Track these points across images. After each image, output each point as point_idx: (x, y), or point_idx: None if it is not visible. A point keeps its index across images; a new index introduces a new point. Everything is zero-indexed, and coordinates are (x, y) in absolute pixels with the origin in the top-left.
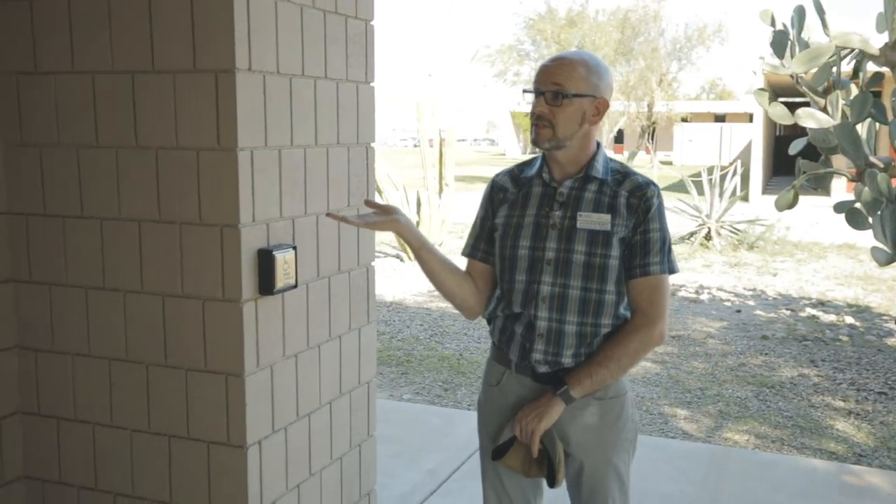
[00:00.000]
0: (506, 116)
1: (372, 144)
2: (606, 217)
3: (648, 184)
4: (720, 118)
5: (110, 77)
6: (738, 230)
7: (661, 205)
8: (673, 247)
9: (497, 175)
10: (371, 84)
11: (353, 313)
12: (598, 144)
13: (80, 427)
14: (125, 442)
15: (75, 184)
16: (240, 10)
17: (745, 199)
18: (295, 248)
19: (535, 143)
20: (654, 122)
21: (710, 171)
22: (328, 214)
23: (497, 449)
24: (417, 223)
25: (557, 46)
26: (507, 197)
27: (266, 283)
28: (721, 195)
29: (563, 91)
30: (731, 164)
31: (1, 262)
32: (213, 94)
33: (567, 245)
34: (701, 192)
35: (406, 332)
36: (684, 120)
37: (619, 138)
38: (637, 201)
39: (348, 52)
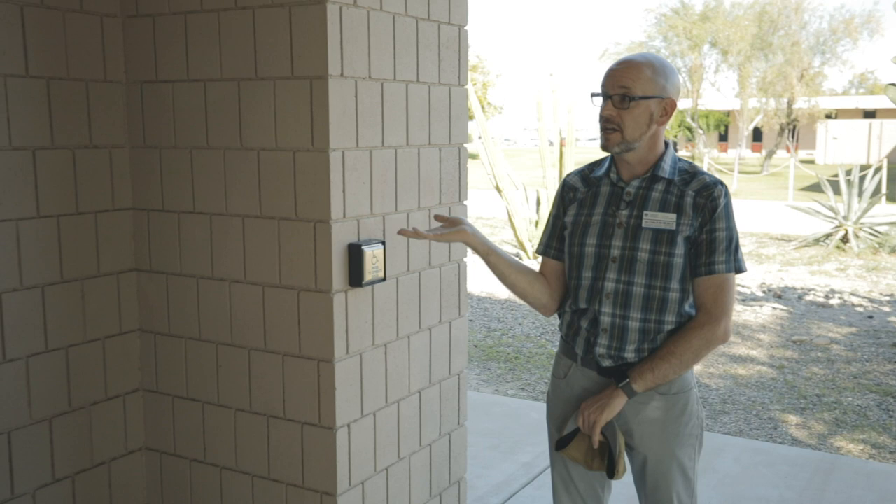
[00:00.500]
0: None
1: (465, 145)
2: (672, 216)
3: (716, 183)
4: (870, 114)
5: (219, 84)
6: (879, 232)
7: (728, 204)
8: (740, 246)
9: (568, 175)
10: (464, 87)
11: (444, 307)
12: (668, 144)
13: (191, 405)
14: (230, 420)
15: (189, 182)
16: (333, 22)
17: (893, 199)
18: (384, 243)
19: (605, 147)
20: (794, 120)
21: (849, 171)
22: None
23: (561, 440)
24: (536, 222)
25: (689, 43)
26: (576, 196)
27: (355, 275)
28: (860, 195)
29: (631, 94)
30: (878, 162)
31: (126, 252)
32: (308, 99)
33: (632, 243)
34: (838, 192)
35: (517, 330)
36: (829, 116)
37: (756, 136)
38: (704, 201)
39: (441, 57)
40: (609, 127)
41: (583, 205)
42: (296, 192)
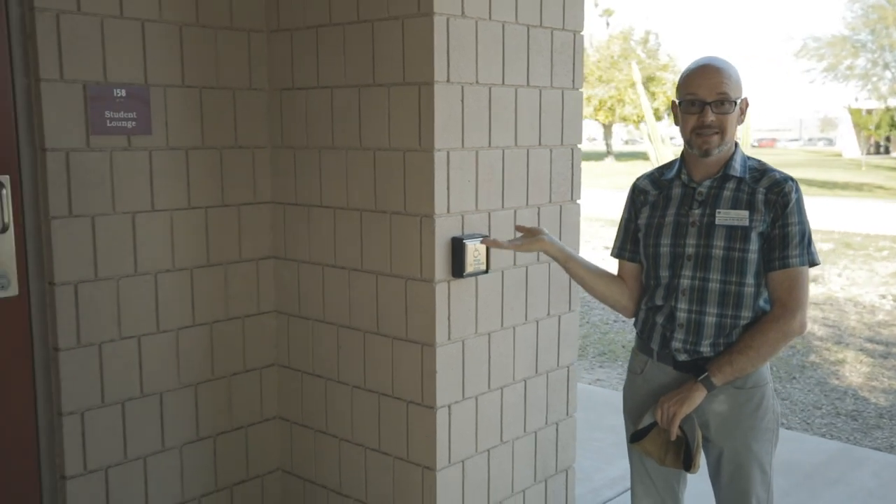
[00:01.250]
0: (843, 114)
1: (578, 146)
2: (745, 213)
3: (786, 179)
4: None
5: (343, 90)
6: None
7: (799, 199)
8: (813, 240)
9: (638, 179)
10: (578, 90)
11: (553, 301)
12: (736, 144)
13: (316, 380)
14: (347, 396)
15: (317, 178)
16: (439, 32)
17: None
18: (487, 237)
19: (707, 152)
20: None
21: None
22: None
23: (636, 433)
24: None
25: None
26: (647, 199)
27: (458, 266)
28: None
29: (728, 98)
30: None
31: (265, 241)
32: (416, 103)
33: (706, 241)
34: None
35: None
36: None
37: None
38: (775, 197)
39: (553, 62)
40: (709, 132)
41: (655, 207)
42: (405, 189)
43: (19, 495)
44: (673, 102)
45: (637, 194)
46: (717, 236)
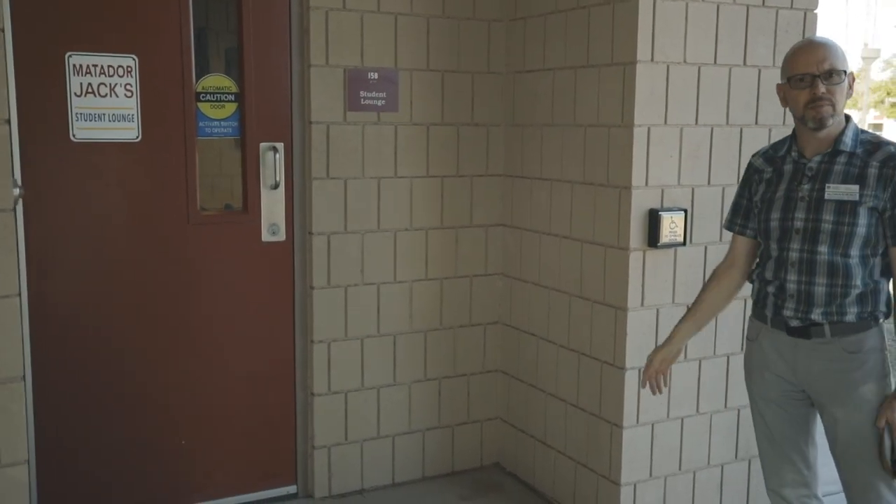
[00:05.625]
0: None
1: None
2: (854, 187)
3: None
4: None
5: (563, 72)
6: None
7: None
8: None
9: (753, 157)
10: None
11: None
12: (848, 118)
13: (530, 339)
14: (554, 354)
15: (538, 153)
16: (644, 14)
17: None
18: (685, 210)
19: (821, 124)
20: None
21: None
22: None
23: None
24: None
25: None
26: (763, 177)
27: (653, 237)
28: None
29: (836, 69)
30: None
31: (495, 210)
32: (620, 82)
33: (815, 215)
34: None
35: None
36: None
37: None
38: (890, 171)
39: (777, 41)
40: (822, 104)
41: (770, 183)
42: (608, 163)
43: (279, 405)
44: (778, 85)
45: (752, 173)
46: (825, 210)
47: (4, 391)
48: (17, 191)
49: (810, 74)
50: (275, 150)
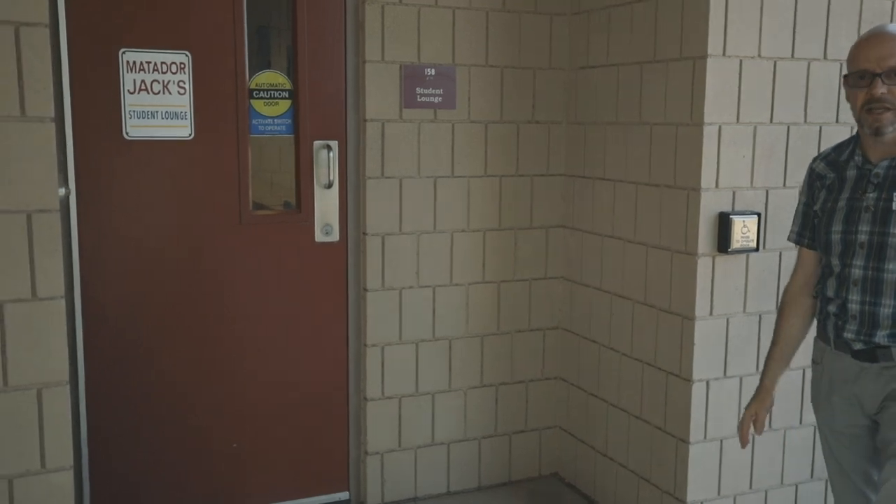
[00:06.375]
0: None
1: None
2: None
3: None
4: None
5: (628, 67)
6: None
7: None
8: None
9: (814, 161)
10: None
11: None
12: None
13: (591, 345)
14: (616, 362)
15: (601, 152)
16: (717, 5)
17: None
18: (759, 214)
19: (878, 130)
20: None
21: None
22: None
23: None
24: None
25: None
26: (825, 183)
27: (723, 242)
28: None
29: None
30: None
31: (556, 211)
32: (690, 77)
33: (882, 228)
34: None
35: None
36: None
37: None
38: None
39: (861, 31)
40: (880, 107)
41: (831, 190)
42: (676, 163)
43: (332, 410)
44: (843, 77)
45: (814, 178)
46: (893, 223)
47: (49, 395)
48: (62, 191)
49: (870, 72)
50: (329, 148)
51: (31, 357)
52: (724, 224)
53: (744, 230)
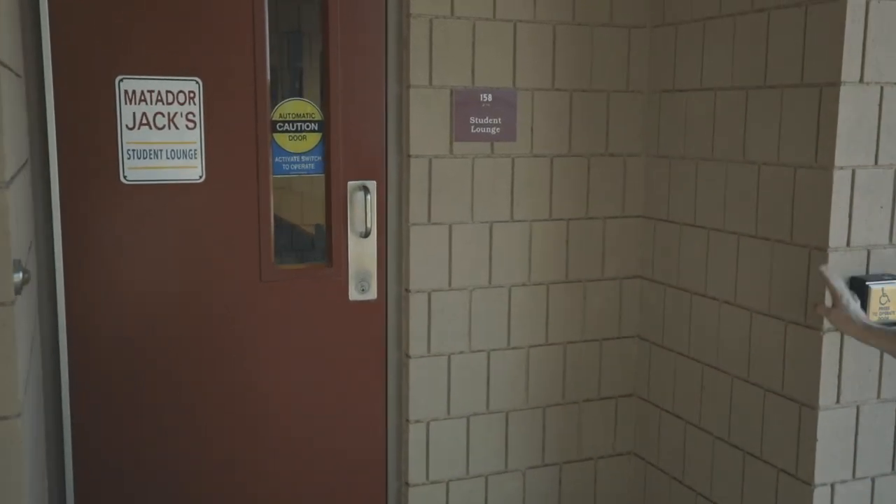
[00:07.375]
0: None
1: None
2: None
3: None
4: None
5: (728, 93)
6: None
7: None
8: None
9: None
10: None
11: None
12: None
13: (676, 421)
14: (708, 446)
15: (692, 193)
16: (854, 20)
17: None
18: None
19: None
20: None
21: None
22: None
23: None
24: None
25: None
26: None
27: None
28: None
29: None
30: None
31: (632, 259)
32: (815, 108)
33: None
34: None
35: None
36: None
37: None
38: None
39: None
40: None
41: None
42: (793, 213)
43: (367, 497)
44: None
45: None
46: None
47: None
48: (19, 276)
49: None
50: (366, 189)
51: None
52: (857, 292)
53: (882, 300)
